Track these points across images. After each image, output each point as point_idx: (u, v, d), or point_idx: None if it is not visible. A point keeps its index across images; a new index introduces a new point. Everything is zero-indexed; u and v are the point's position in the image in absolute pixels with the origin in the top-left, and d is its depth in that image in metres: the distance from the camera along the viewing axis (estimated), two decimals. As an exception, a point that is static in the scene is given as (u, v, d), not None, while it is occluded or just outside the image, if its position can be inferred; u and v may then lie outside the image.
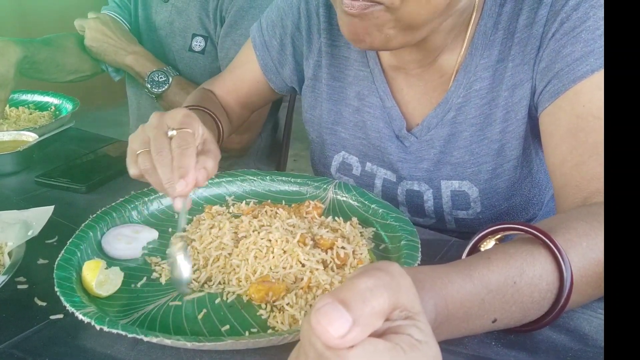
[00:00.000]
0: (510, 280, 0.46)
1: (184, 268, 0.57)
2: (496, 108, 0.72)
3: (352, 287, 0.33)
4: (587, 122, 0.61)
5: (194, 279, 0.60)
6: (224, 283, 0.60)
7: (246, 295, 0.57)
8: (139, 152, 0.62)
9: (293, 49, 0.89)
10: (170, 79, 1.23)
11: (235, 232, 0.66)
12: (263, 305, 0.56)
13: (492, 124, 0.73)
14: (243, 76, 0.96)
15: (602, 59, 0.61)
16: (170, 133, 0.61)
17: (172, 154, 0.59)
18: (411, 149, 0.79)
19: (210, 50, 1.25)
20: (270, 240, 0.62)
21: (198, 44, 1.26)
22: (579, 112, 0.62)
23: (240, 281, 0.59)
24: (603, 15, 0.62)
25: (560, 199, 0.64)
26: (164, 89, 1.23)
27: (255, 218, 0.68)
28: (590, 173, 0.59)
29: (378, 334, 0.33)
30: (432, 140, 0.77)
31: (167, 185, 0.58)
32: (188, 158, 0.58)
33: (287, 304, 0.55)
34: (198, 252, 0.64)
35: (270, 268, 0.60)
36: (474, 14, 0.70)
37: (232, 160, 1.37)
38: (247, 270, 0.60)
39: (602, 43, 0.61)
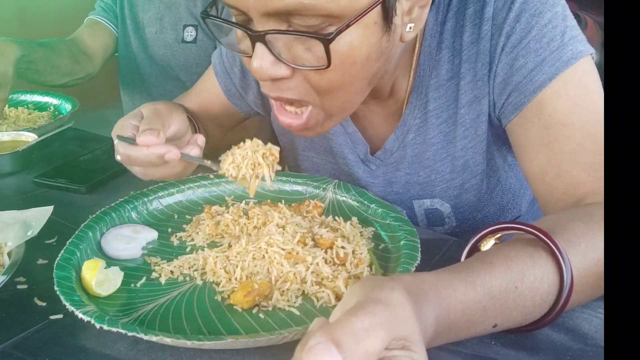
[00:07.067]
0: (511, 285, 0.46)
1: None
2: (454, 126, 0.72)
3: (347, 325, 0.33)
4: (557, 131, 0.61)
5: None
6: (218, 284, 0.60)
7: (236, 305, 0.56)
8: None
9: None
10: None
11: (248, 218, 0.66)
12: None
13: (453, 142, 0.73)
14: (210, 99, 0.94)
15: (556, 65, 0.61)
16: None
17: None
18: (378, 173, 0.80)
19: (202, 38, 1.26)
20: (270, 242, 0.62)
21: (189, 34, 1.26)
22: (546, 123, 0.62)
23: (237, 279, 0.59)
24: (545, 21, 0.61)
25: (548, 207, 0.63)
26: None
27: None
28: (575, 180, 0.59)
29: None
30: (397, 163, 0.78)
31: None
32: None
33: (277, 302, 0.56)
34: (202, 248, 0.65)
35: (268, 269, 0.60)
36: (417, 38, 0.69)
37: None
38: (242, 271, 0.59)
39: (552, 49, 0.61)
